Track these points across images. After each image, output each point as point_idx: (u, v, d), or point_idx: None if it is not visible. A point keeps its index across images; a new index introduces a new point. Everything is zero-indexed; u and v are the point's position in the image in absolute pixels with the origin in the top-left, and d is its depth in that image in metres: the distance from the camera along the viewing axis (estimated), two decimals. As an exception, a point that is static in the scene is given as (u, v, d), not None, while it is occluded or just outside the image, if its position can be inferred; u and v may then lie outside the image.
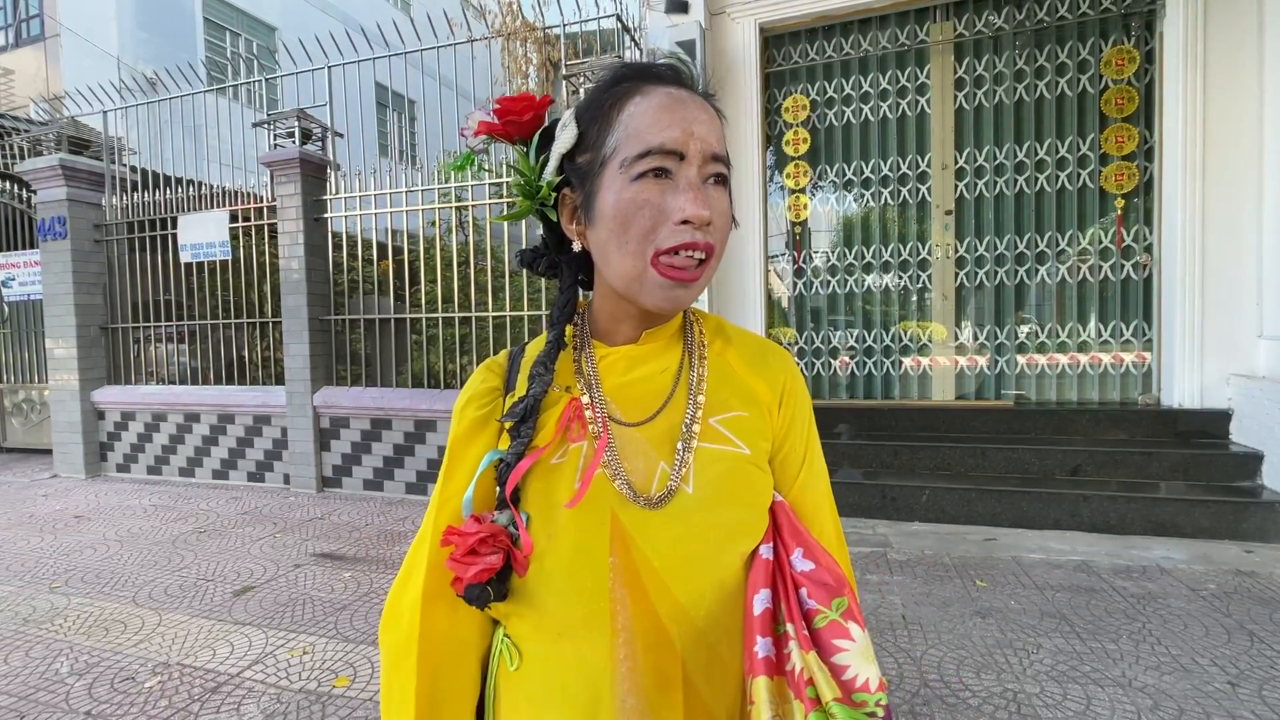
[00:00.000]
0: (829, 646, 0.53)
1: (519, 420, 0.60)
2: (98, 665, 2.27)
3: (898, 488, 3.61)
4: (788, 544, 0.59)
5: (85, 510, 4.38)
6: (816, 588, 0.55)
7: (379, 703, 2.00)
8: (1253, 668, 2.03)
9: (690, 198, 0.55)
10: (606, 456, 0.59)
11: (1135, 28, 3.99)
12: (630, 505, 0.58)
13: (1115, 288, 4.09)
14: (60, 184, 5.30)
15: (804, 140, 4.62)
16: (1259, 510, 3.12)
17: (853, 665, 0.52)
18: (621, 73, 0.61)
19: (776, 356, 0.68)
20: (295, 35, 5.92)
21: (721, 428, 0.62)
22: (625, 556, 0.57)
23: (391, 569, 3.15)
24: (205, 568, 3.20)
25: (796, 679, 0.52)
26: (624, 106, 0.58)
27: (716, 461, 0.60)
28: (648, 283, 0.57)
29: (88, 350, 5.47)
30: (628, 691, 0.56)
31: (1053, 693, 1.94)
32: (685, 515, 0.58)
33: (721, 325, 0.70)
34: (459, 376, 4.65)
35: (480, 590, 0.57)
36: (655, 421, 0.61)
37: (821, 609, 0.54)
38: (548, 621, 0.58)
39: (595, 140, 0.60)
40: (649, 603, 0.56)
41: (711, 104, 0.61)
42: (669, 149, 0.56)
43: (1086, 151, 4.08)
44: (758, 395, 0.65)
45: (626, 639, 0.56)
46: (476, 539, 0.55)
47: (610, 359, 0.64)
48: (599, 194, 0.59)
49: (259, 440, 5.03)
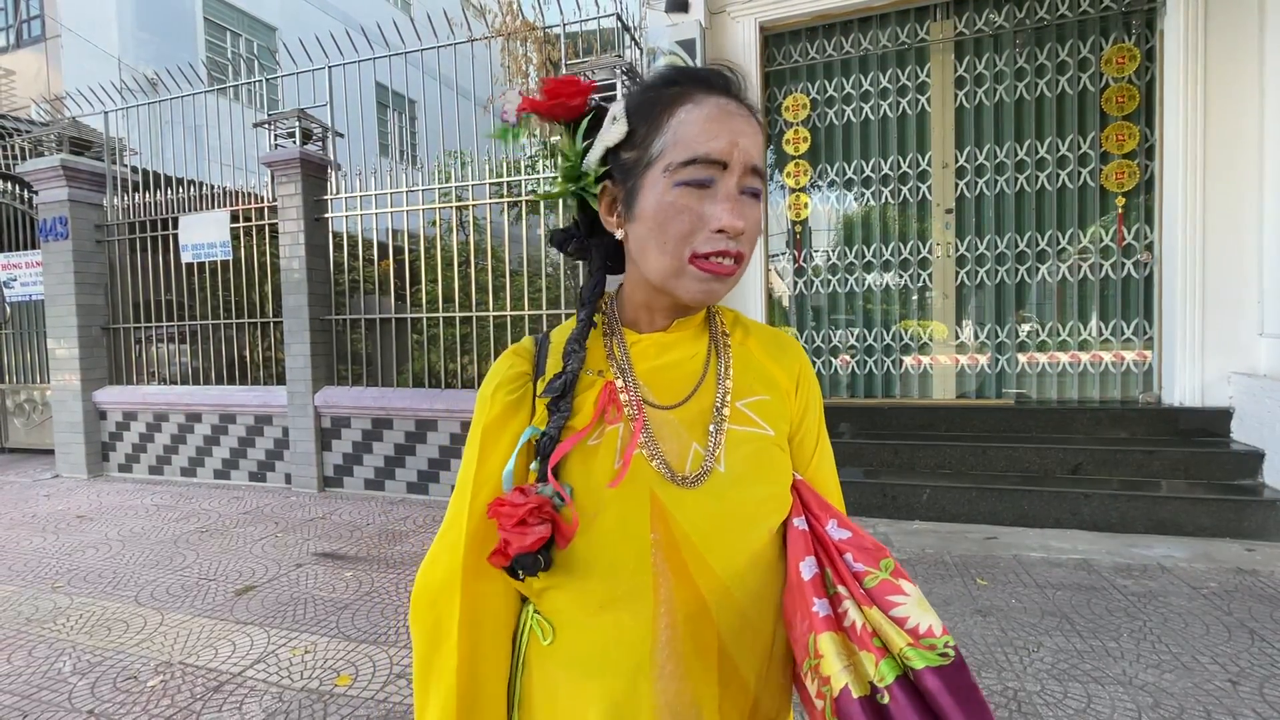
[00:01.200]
0: (885, 603, 0.55)
1: (558, 395, 0.63)
2: (100, 664, 2.28)
3: (898, 486, 3.61)
4: (819, 516, 0.63)
5: (87, 510, 4.39)
6: (860, 552, 0.58)
7: (380, 701, 2.02)
8: (1254, 666, 2.03)
9: (728, 208, 0.58)
10: (643, 437, 0.62)
11: (1136, 26, 3.99)
12: (667, 484, 0.61)
13: (1116, 286, 4.09)
14: (61, 185, 5.31)
15: (804, 139, 4.62)
16: (1260, 508, 3.12)
17: (912, 616, 0.54)
18: (675, 76, 0.63)
19: (791, 346, 0.73)
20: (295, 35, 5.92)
21: (748, 410, 0.66)
22: (665, 533, 0.60)
23: (393, 568, 3.15)
24: (207, 567, 3.21)
25: (859, 634, 0.54)
26: (675, 112, 0.60)
27: (745, 442, 0.64)
28: (686, 277, 0.61)
29: (89, 350, 5.48)
30: (667, 658, 0.59)
31: (1053, 691, 1.94)
32: (720, 493, 0.62)
33: (739, 317, 0.74)
34: (459, 376, 4.65)
35: (533, 559, 0.58)
36: (688, 405, 0.65)
37: (870, 570, 0.57)
38: (590, 594, 0.61)
39: (643, 139, 0.62)
40: (689, 576, 0.60)
41: (755, 117, 0.63)
42: (714, 159, 0.58)
43: (1087, 150, 4.08)
44: (777, 381, 0.69)
45: (668, 609, 0.60)
46: (526, 510, 0.57)
47: (641, 345, 0.67)
48: (641, 192, 0.61)
49: (260, 440, 5.03)
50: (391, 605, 2.72)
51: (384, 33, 4.64)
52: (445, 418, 4.40)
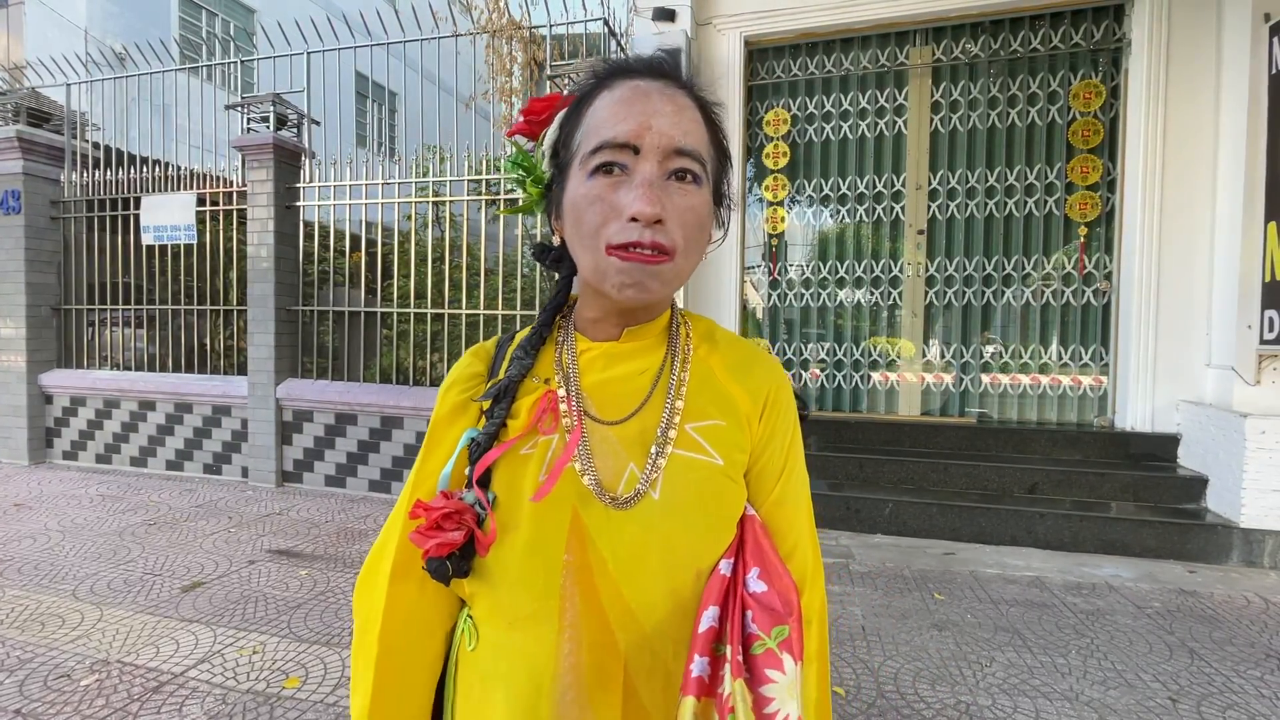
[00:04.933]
0: (761, 675, 0.53)
1: (493, 401, 0.62)
2: (30, 661, 2.16)
3: (862, 500, 3.67)
4: (747, 562, 0.58)
5: (26, 498, 4.18)
6: (762, 611, 0.55)
7: (330, 705, 1.96)
8: (1192, 684, 2.11)
9: (639, 194, 0.53)
10: (579, 451, 0.59)
11: (1103, 64, 4.15)
12: (595, 503, 0.57)
13: (1076, 313, 4.23)
14: (16, 156, 5.09)
15: (784, 154, 4.69)
16: (1202, 532, 3.25)
17: (777, 699, 0.52)
18: (596, 69, 0.61)
19: (763, 366, 0.66)
20: (275, 18, 5.79)
21: (697, 435, 0.60)
22: (581, 555, 0.57)
23: (350, 567, 3.07)
24: (153, 562, 3.08)
25: (723, 702, 0.52)
26: (591, 102, 0.59)
27: (689, 470, 0.59)
28: (608, 271, 0.56)
29: (37, 331, 5.24)
30: (568, 686, 0.57)
31: (1004, 705, 1.98)
32: (649, 521, 0.57)
33: (712, 330, 0.69)
34: (428, 374, 4.58)
35: (439, 564, 0.57)
36: (629, 422, 0.61)
37: (761, 635, 0.54)
38: (500, 609, 0.60)
39: (567, 137, 0.60)
40: (599, 603, 0.57)
41: (689, 94, 0.59)
42: (620, 143, 0.54)
43: (1054, 179, 4.22)
44: (737, 405, 0.63)
45: (572, 635, 0.57)
46: (441, 514, 0.56)
47: (591, 354, 0.64)
48: (566, 190, 0.60)
49: (217, 431, 4.87)
50: (346, 606, 2.64)
51: (366, 22, 4.56)
52: (411, 415, 4.32)
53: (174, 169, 5.06)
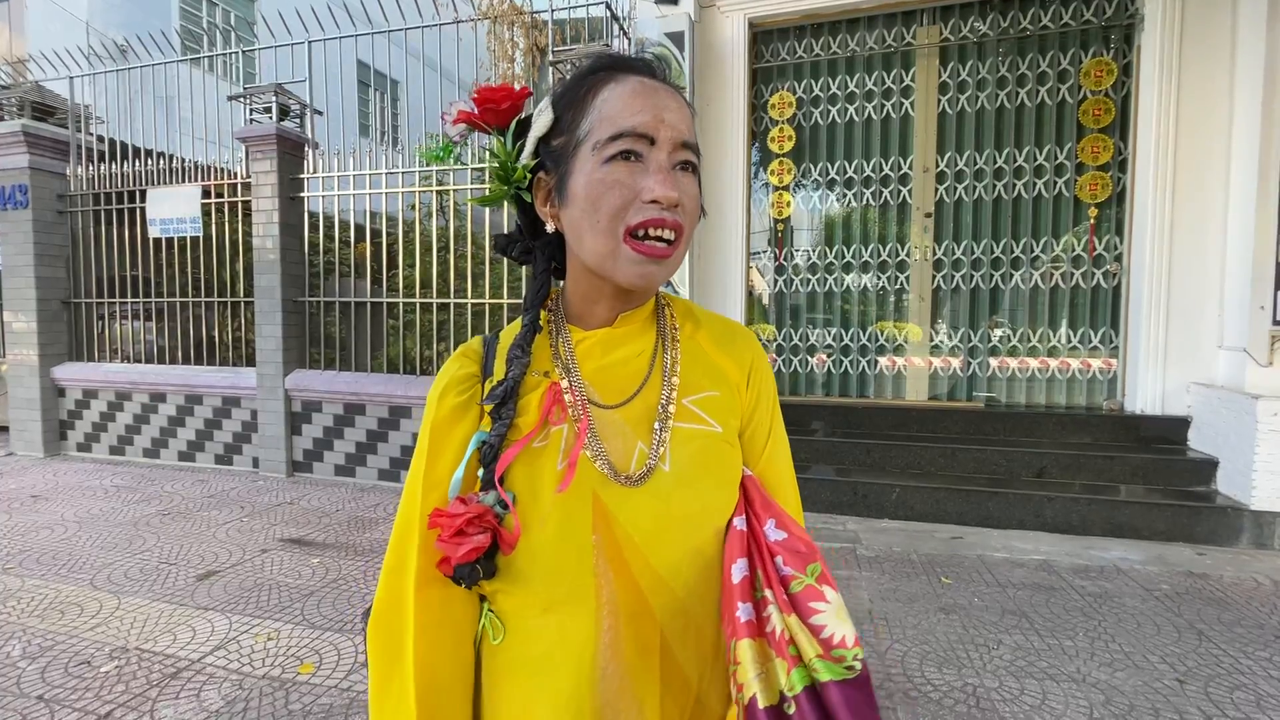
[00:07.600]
0: (806, 609, 0.56)
1: (499, 403, 0.62)
2: (52, 649, 2.21)
3: (869, 485, 3.67)
4: (760, 515, 0.62)
5: (43, 490, 4.25)
6: (791, 555, 0.58)
7: (344, 689, 1.99)
8: (1200, 666, 2.11)
9: (659, 179, 0.58)
10: (588, 438, 0.62)
11: (1115, 40, 4.07)
12: (611, 484, 0.61)
13: (1085, 295, 4.19)
14: (22, 151, 5.10)
15: (789, 137, 4.64)
16: (1212, 514, 3.23)
17: (829, 625, 0.54)
18: (598, 62, 0.64)
19: (743, 337, 0.72)
20: (275, 8, 5.76)
21: (695, 407, 0.65)
22: (607, 534, 0.60)
23: (361, 555, 3.11)
24: (168, 551, 3.13)
25: (777, 640, 0.55)
26: (599, 92, 0.61)
27: (691, 440, 0.64)
28: (621, 258, 0.60)
29: (48, 325, 5.29)
30: (609, 659, 0.60)
31: (1011, 687, 1.99)
32: (663, 492, 0.61)
33: (690, 308, 0.73)
34: (435, 363, 4.59)
35: (470, 569, 0.58)
36: (632, 403, 0.64)
37: (797, 574, 0.57)
38: (534, 597, 0.61)
39: (570, 124, 0.62)
40: (630, 576, 0.60)
41: (681, 96, 0.64)
42: (640, 132, 0.58)
43: (1063, 160, 4.16)
44: (727, 374, 0.68)
45: (610, 611, 0.60)
46: (464, 520, 0.57)
47: (587, 343, 0.66)
48: (572, 175, 0.61)
49: (227, 422, 4.92)
50: (358, 593, 2.68)
51: (367, 10, 4.53)
52: (419, 404, 4.35)
53: (179, 161, 5.06)
